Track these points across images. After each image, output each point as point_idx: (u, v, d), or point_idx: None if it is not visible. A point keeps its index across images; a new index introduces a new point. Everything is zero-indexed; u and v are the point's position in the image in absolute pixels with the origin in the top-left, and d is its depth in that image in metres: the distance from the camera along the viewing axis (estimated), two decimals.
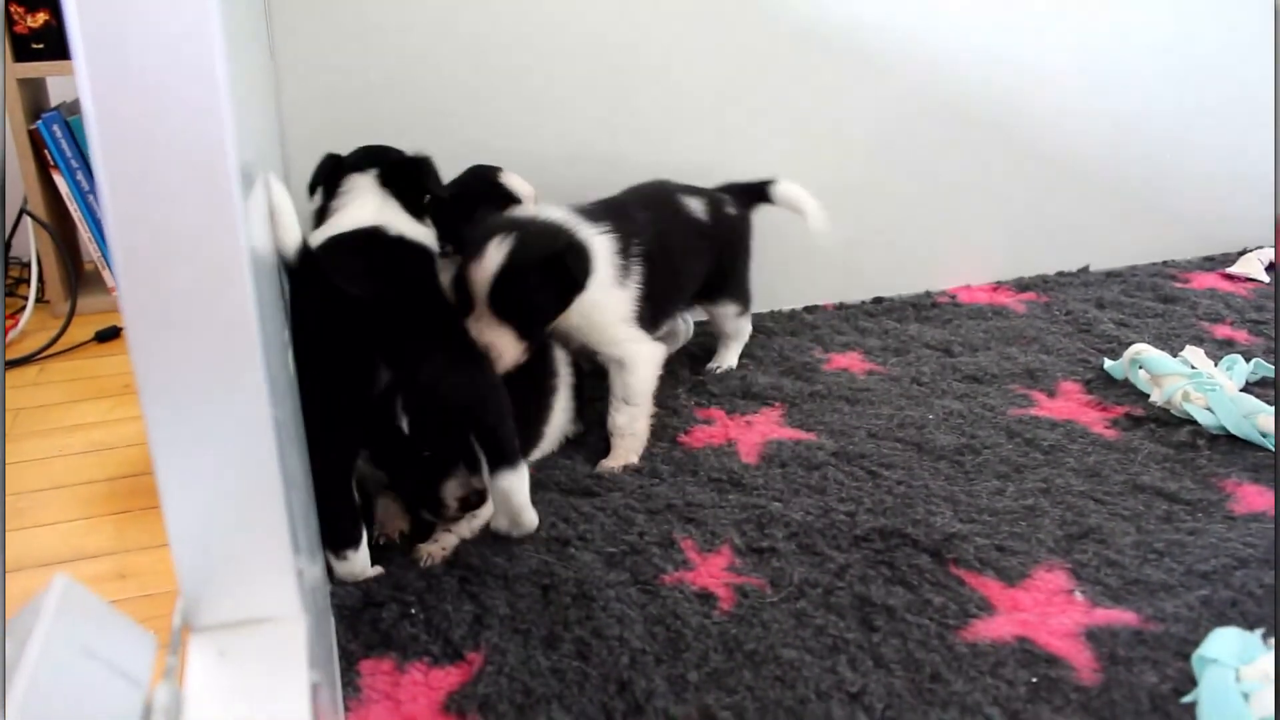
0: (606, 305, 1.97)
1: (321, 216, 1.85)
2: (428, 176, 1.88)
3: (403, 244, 1.78)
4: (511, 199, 2.06)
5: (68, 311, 2.77)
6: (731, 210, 2.28)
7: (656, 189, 2.21)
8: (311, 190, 1.90)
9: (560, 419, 1.97)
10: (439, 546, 1.63)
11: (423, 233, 1.86)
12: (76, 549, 1.79)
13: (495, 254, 1.77)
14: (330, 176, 1.87)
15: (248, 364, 0.83)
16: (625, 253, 2.00)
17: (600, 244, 1.92)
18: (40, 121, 2.80)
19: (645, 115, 2.43)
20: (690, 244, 2.15)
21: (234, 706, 0.76)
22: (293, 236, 1.45)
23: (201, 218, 0.78)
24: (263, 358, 0.84)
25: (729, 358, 2.35)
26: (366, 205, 1.80)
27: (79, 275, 2.95)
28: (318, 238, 1.76)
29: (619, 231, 1.97)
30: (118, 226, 0.78)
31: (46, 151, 2.81)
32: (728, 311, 2.31)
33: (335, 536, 1.55)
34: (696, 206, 2.18)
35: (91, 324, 2.76)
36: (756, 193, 2.38)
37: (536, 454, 1.92)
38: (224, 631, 0.83)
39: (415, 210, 1.87)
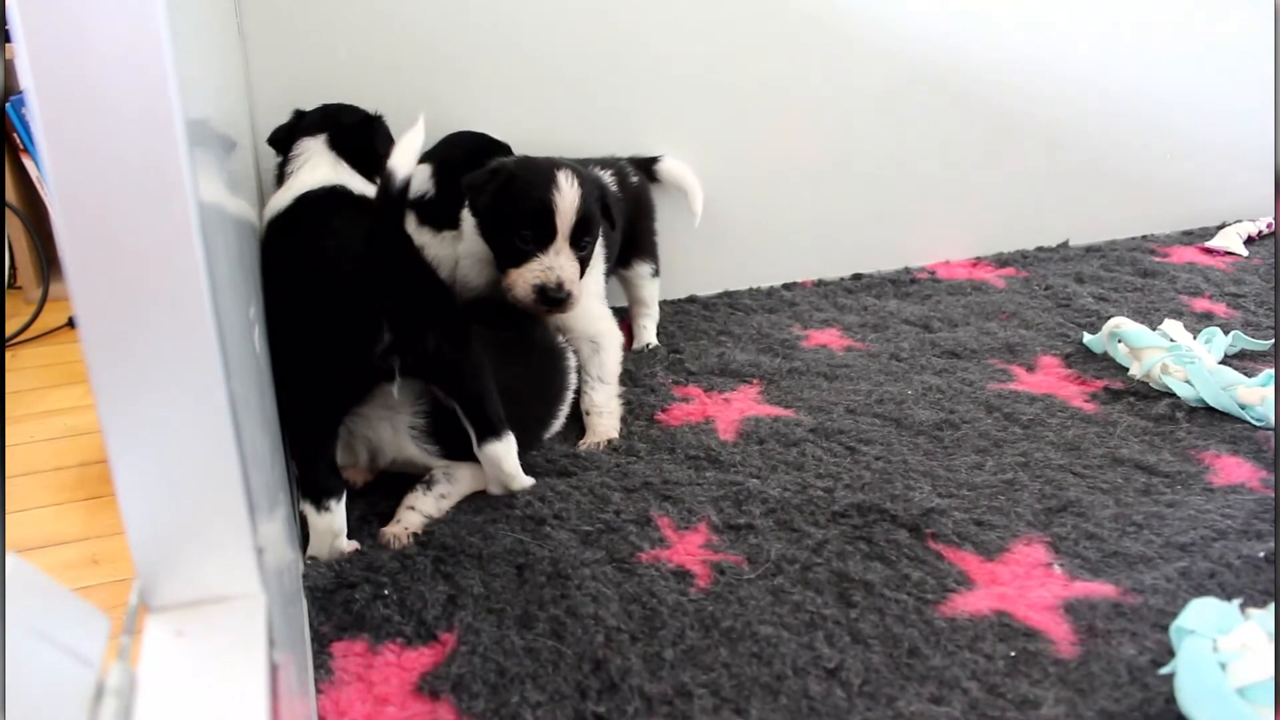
0: (591, 281, 1.98)
1: (280, 177, 1.91)
2: (376, 135, 1.92)
3: (367, 203, 1.79)
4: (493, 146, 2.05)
5: (40, 297, 2.73)
6: (634, 179, 2.31)
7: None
8: (271, 143, 1.97)
9: (569, 399, 1.97)
10: (402, 527, 1.61)
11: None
12: (48, 534, 1.77)
13: (571, 188, 1.80)
14: (287, 138, 1.93)
15: (200, 336, 0.80)
16: (604, 234, 2.00)
17: None
18: (9, 104, 2.76)
19: (621, 88, 2.40)
20: (618, 218, 2.15)
21: (190, 686, 0.74)
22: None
23: (147, 183, 0.75)
24: (216, 329, 0.81)
25: (650, 332, 2.34)
26: (319, 167, 1.84)
27: (51, 261, 2.91)
28: (279, 199, 1.80)
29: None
30: (60, 190, 0.75)
31: (15, 135, 2.77)
32: (643, 273, 2.33)
33: (316, 488, 1.55)
34: (608, 179, 2.17)
35: (64, 310, 2.72)
36: (645, 168, 2.41)
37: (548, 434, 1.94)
38: (181, 611, 0.81)
39: (366, 171, 1.90)
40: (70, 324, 2.67)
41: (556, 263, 1.79)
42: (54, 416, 2.21)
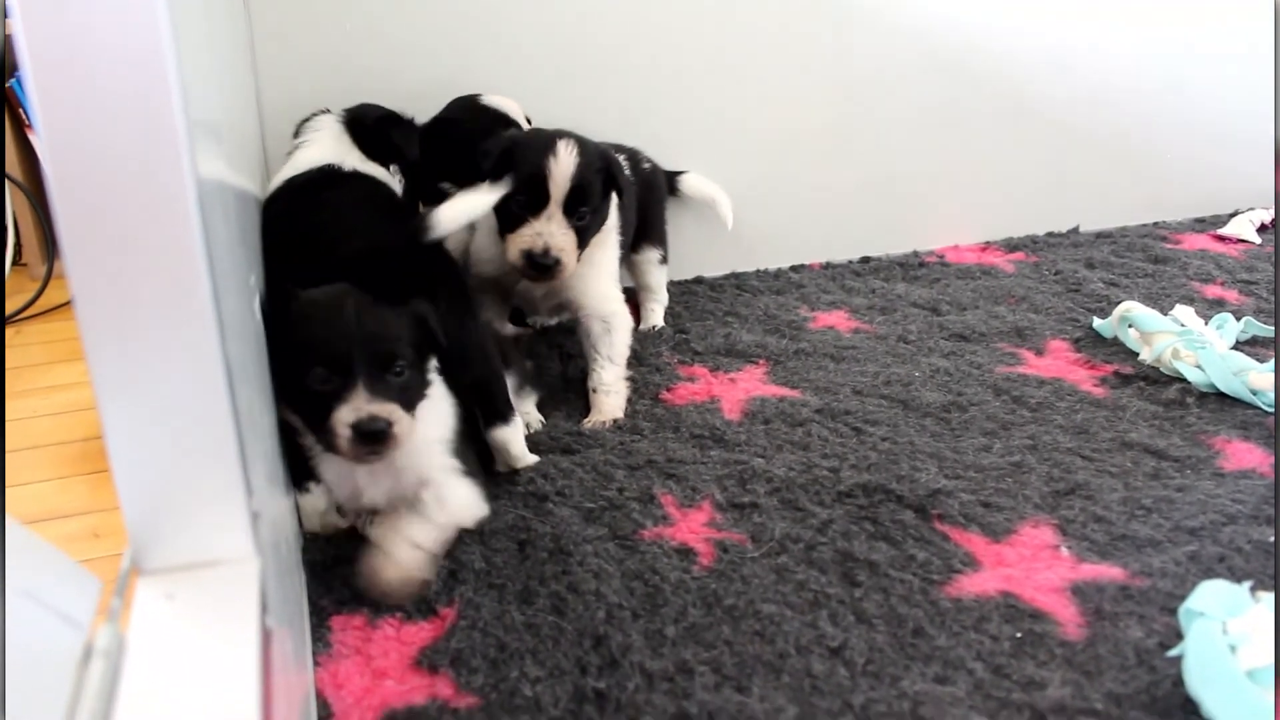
0: (605, 261, 1.97)
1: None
2: (398, 128, 1.92)
3: (360, 178, 1.80)
4: (507, 121, 2.03)
5: (45, 274, 2.72)
6: (646, 165, 2.31)
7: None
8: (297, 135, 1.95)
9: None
10: (413, 569, 1.43)
11: (380, 171, 1.89)
12: (50, 508, 1.76)
13: (568, 156, 1.79)
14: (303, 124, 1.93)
15: (195, 298, 0.79)
16: (620, 208, 1.99)
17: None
18: (14, 80, 2.74)
19: (630, 70, 2.38)
20: (631, 201, 2.14)
21: (180, 649, 0.73)
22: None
23: (143, 148, 0.74)
24: (211, 291, 0.80)
25: (657, 315, 2.33)
26: (322, 144, 1.85)
27: (55, 238, 2.89)
28: (274, 180, 1.80)
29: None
30: (54, 155, 0.74)
31: (21, 110, 2.75)
32: (651, 258, 2.32)
33: (296, 470, 1.52)
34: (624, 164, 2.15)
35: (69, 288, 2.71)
36: (667, 181, 2.43)
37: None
38: (173, 575, 0.80)
39: (375, 154, 1.90)
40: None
41: (547, 229, 1.79)
42: (57, 392, 2.20)
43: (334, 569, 1.46)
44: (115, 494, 1.79)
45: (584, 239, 1.85)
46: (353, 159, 1.85)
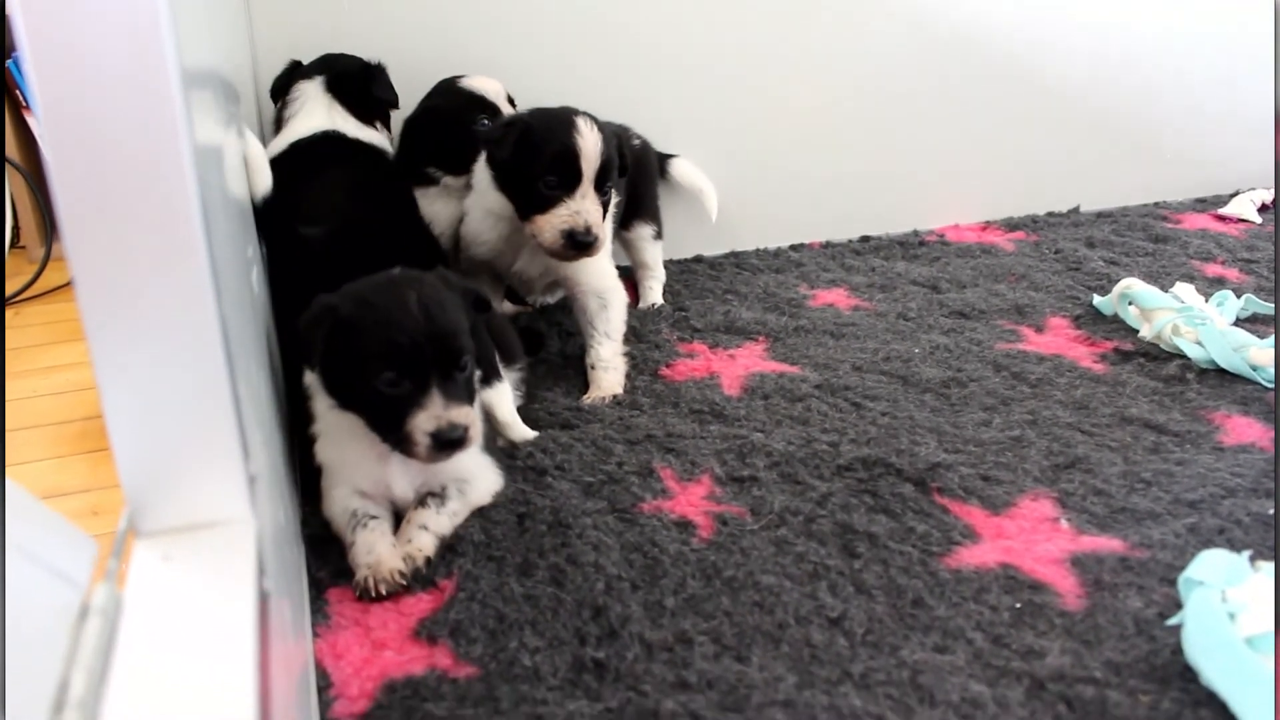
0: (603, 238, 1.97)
1: (279, 124, 1.94)
2: (375, 82, 1.97)
3: (360, 146, 1.84)
4: (485, 104, 2.04)
5: (43, 256, 2.72)
6: (636, 141, 2.29)
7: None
8: (273, 95, 2.01)
9: None
10: (415, 548, 1.41)
11: (375, 136, 1.93)
12: (50, 486, 1.76)
13: (592, 132, 1.79)
14: (285, 84, 1.97)
15: (192, 261, 0.79)
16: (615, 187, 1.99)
17: None
18: (10, 60, 2.73)
19: (632, 49, 2.37)
20: (645, 173, 2.14)
21: (177, 608, 0.72)
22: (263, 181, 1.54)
23: (142, 117, 0.74)
24: (208, 254, 0.79)
25: (655, 293, 2.33)
26: (315, 113, 1.89)
27: (54, 221, 2.88)
28: (277, 145, 1.83)
29: None
30: (48, 114, 0.74)
31: (18, 91, 2.74)
32: (645, 234, 2.31)
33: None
34: None
35: (68, 269, 2.70)
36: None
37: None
38: (170, 536, 0.79)
39: (364, 116, 1.96)
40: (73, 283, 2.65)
41: (583, 206, 1.78)
42: (56, 372, 2.20)
43: (332, 543, 1.46)
44: (114, 472, 1.80)
45: (604, 213, 1.85)
46: (350, 126, 1.90)
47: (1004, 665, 1.22)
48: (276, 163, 1.81)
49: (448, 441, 1.35)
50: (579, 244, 1.78)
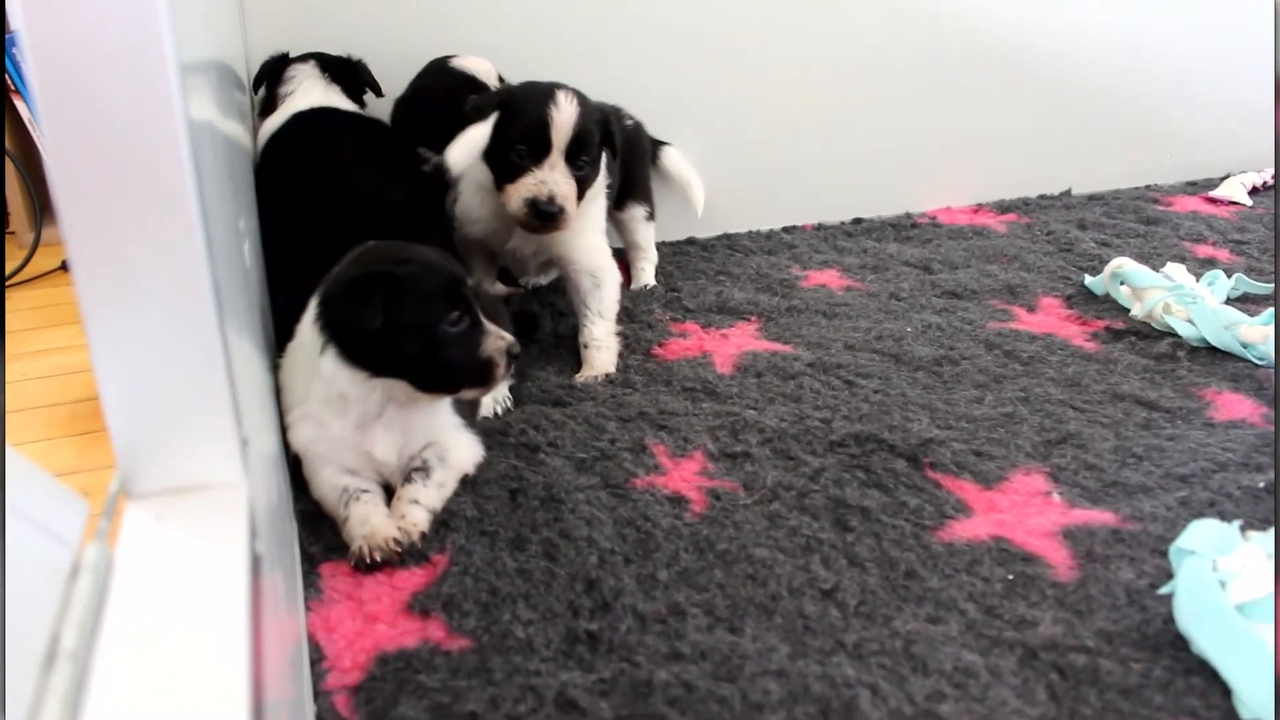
0: (593, 216, 1.96)
1: (268, 107, 1.99)
2: (360, 69, 2.08)
3: (359, 118, 1.92)
4: (476, 84, 2.04)
5: (32, 241, 2.70)
6: (629, 122, 2.28)
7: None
8: (256, 85, 2.06)
9: None
10: (410, 523, 1.42)
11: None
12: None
13: (569, 105, 1.79)
14: (274, 70, 2.03)
15: (184, 222, 0.78)
16: (608, 166, 1.99)
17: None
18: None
19: (626, 33, 2.37)
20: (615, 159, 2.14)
21: (169, 568, 0.72)
22: None
23: (134, 84, 0.74)
24: (200, 216, 0.79)
25: (648, 274, 2.33)
26: (313, 90, 1.96)
27: (44, 205, 2.87)
28: (273, 122, 1.89)
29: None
30: (42, 84, 0.73)
31: (7, 76, 2.72)
32: (638, 215, 2.30)
33: None
34: None
35: (57, 254, 2.69)
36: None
37: None
38: (162, 498, 0.79)
39: (354, 98, 2.05)
40: (63, 267, 2.64)
41: (550, 177, 1.78)
42: (47, 356, 2.19)
43: (324, 519, 1.46)
44: (105, 454, 1.79)
45: (582, 190, 1.84)
46: (345, 103, 1.98)
47: (996, 635, 1.22)
48: (279, 133, 1.88)
49: (515, 356, 1.47)
50: (541, 214, 1.78)
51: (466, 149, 1.76)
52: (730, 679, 1.16)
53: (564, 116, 1.78)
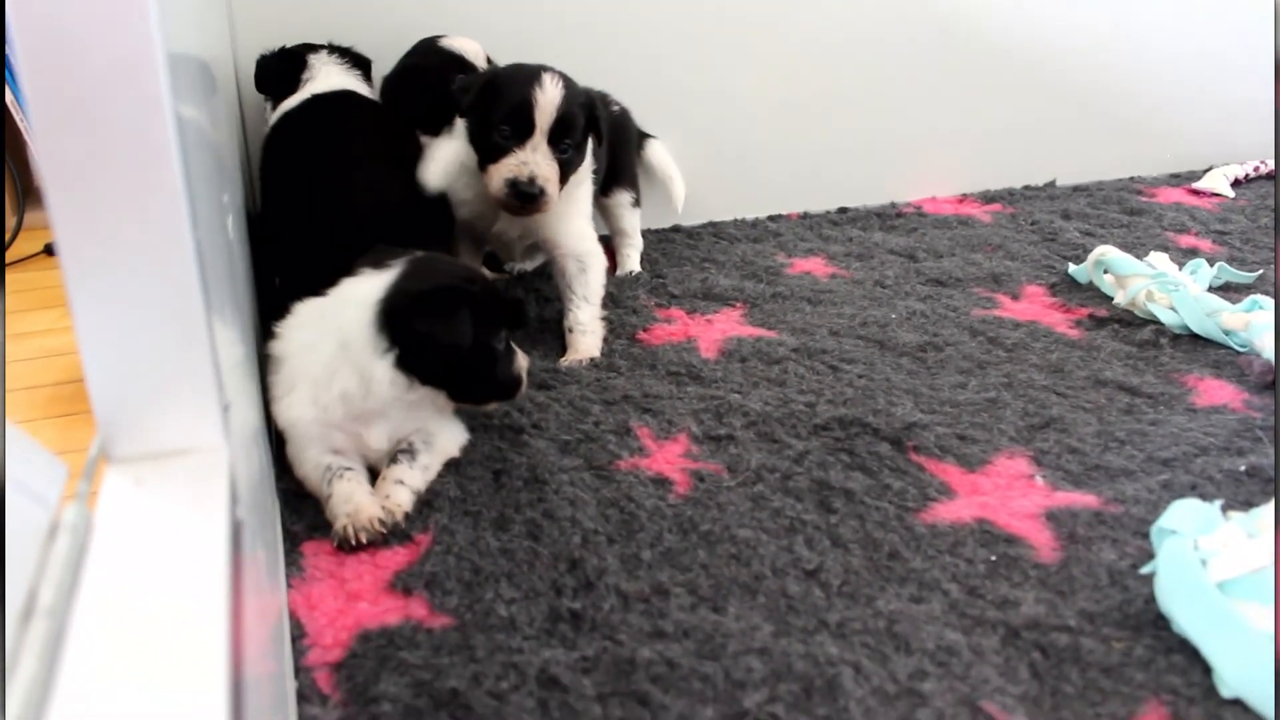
0: (580, 200, 1.96)
1: (285, 91, 1.99)
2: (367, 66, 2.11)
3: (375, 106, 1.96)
4: (464, 64, 2.04)
5: (15, 226, 2.68)
6: (616, 108, 2.28)
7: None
8: (272, 72, 2.04)
9: None
10: (395, 504, 1.42)
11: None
12: None
13: (554, 87, 1.79)
14: (289, 62, 2.03)
15: (166, 184, 0.78)
16: (594, 152, 1.98)
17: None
18: None
19: (613, 22, 2.37)
20: (623, 139, 2.14)
21: (148, 530, 0.72)
22: None
23: (121, 68, 0.73)
24: (184, 179, 0.78)
25: (633, 260, 2.32)
26: (332, 74, 1.99)
27: (27, 189, 2.85)
28: (290, 102, 1.93)
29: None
30: (25, 49, 0.72)
31: None
32: (624, 201, 2.30)
33: None
34: None
35: (40, 238, 2.68)
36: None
37: None
38: (142, 462, 0.79)
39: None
40: (46, 251, 2.63)
41: (532, 158, 1.77)
42: (29, 339, 2.18)
43: (306, 499, 1.45)
44: (86, 436, 1.79)
45: (565, 173, 1.83)
46: (364, 89, 2.03)
47: (979, 615, 1.23)
48: (295, 112, 1.91)
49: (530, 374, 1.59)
50: (522, 194, 1.78)
51: (444, 165, 1.74)
52: (713, 657, 1.16)
53: (548, 98, 1.77)
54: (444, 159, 1.87)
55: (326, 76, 1.99)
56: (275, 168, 1.89)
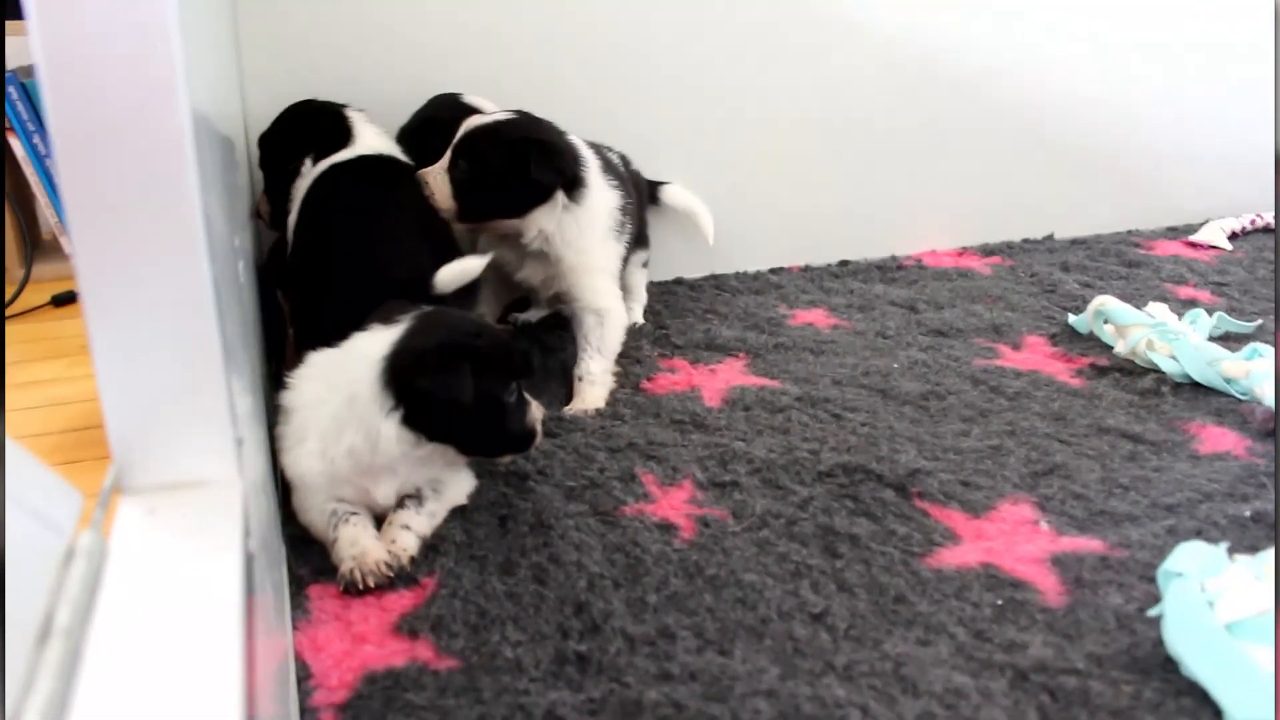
0: (603, 255, 1.99)
1: (327, 147, 1.97)
2: None
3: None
4: (479, 114, 2.06)
5: (22, 277, 2.70)
6: (633, 166, 2.33)
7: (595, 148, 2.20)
8: (305, 129, 2.02)
9: None
10: (400, 548, 1.42)
11: None
12: None
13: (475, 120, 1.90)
14: (334, 120, 2.02)
15: (185, 220, 0.79)
16: (623, 210, 2.02)
17: (608, 198, 2.01)
18: None
19: (613, 75, 2.40)
20: (633, 206, 2.16)
21: (162, 556, 0.72)
22: None
23: (139, 84, 0.75)
24: (202, 216, 0.80)
25: (636, 313, 2.34)
26: (376, 137, 2.01)
27: (34, 241, 2.87)
28: (339, 156, 1.93)
29: (622, 189, 2.05)
30: (52, 85, 0.74)
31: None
32: (636, 260, 2.32)
33: None
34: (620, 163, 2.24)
35: (47, 290, 2.70)
36: (648, 191, 2.45)
37: None
38: (156, 493, 0.79)
39: None
40: (53, 303, 2.65)
41: (432, 170, 1.90)
42: (36, 388, 2.19)
43: (312, 543, 1.46)
44: (91, 484, 1.79)
45: (456, 191, 1.89)
46: (399, 153, 2.02)
47: (987, 658, 1.22)
48: (344, 170, 1.91)
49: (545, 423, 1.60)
50: None
51: (460, 274, 1.74)
52: (720, 699, 1.15)
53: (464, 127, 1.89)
54: (461, 270, 1.89)
55: (368, 137, 1.99)
56: (315, 221, 1.86)
